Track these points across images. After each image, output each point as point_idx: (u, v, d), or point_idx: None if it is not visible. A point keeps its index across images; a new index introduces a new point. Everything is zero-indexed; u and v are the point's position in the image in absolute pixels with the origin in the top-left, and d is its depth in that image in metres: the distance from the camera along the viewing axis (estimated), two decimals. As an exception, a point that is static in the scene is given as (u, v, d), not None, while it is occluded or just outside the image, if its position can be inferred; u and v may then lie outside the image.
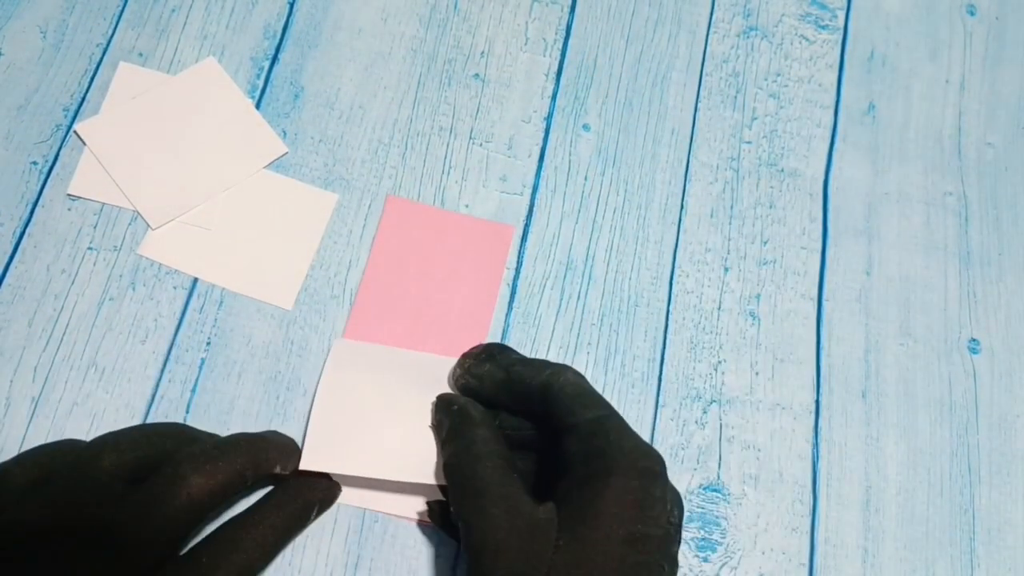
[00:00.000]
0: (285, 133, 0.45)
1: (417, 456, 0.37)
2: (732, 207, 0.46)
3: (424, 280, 0.43)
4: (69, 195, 0.42)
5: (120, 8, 0.46)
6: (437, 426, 0.37)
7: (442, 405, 0.37)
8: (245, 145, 0.44)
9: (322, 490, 0.37)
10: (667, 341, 0.43)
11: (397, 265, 0.43)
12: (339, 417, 0.38)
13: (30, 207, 0.42)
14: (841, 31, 0.51)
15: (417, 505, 0.38)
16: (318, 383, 0.39)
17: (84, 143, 0.43)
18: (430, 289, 0.42)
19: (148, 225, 0.42)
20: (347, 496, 0.38)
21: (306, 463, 0.36)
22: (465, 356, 0.39)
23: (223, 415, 0.39)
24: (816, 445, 0.42)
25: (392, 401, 0.39)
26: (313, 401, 0.39)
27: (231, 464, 0.33)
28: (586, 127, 0.47)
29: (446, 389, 0.40)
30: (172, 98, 0.45)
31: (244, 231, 0.43)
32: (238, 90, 0.45)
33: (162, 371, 0.40)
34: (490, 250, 0.44)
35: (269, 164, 0.44)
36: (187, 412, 0.39)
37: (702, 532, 0.40)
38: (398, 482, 0.37)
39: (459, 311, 0.42)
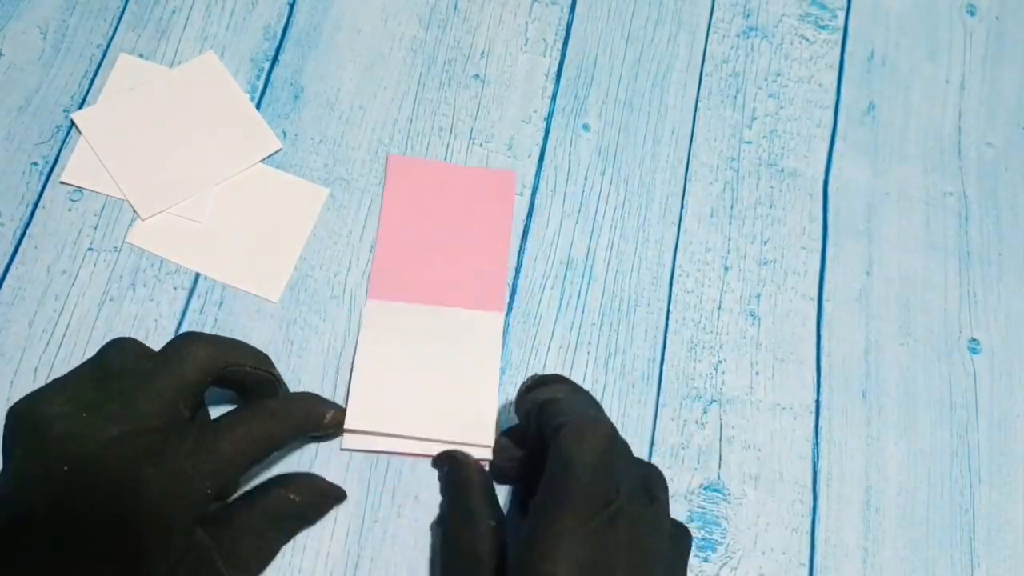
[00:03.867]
0: (285, 134, 0.45)
1: (451, 415, 0.40)
2: (732, 207, 0.46)
3: (438, 231, 0.44)
4: (63, 183, 0.42)
5: (120, 9, 0.46)
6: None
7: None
8: (240, 140, 0.44)
9: (331, 411, 0.39)
10: (667, 341, 0.43)
11: (409, 220, 0.44)
12: (378, 379, 0.40)
13: (30, 208, 0.42)
14: (841, 31, 0.51)
15: (430, 447, 0.40)
16: (356, 347, 0.41)
17: (80, 132, 0.43)
18: (445, 240, 0.43)
19: (137, 215, 0.42)
20: (359, 441, 0.39)
21: (351, 422, 0.39)
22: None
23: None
24: (816, 445, 0.42)
25: (424, 360, 0.41)
26: (353, 364, 0.40)
27: (235, 349, 0.36)
28: (586, 127, 0.47)
29: (474, 343, 0.41)
30: (169, 90, 0.45)
31: (234, 223, 0.43)
32: (236, 85, 0.45)
33: (162, 371, 0.40)
34: (497, 196, 0.45)
35: (268, 162, 0.44)
36: (187, 412, 0.39)
37: (702, 532, 0.40)
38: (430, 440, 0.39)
39: (476, 258, 0.43)
